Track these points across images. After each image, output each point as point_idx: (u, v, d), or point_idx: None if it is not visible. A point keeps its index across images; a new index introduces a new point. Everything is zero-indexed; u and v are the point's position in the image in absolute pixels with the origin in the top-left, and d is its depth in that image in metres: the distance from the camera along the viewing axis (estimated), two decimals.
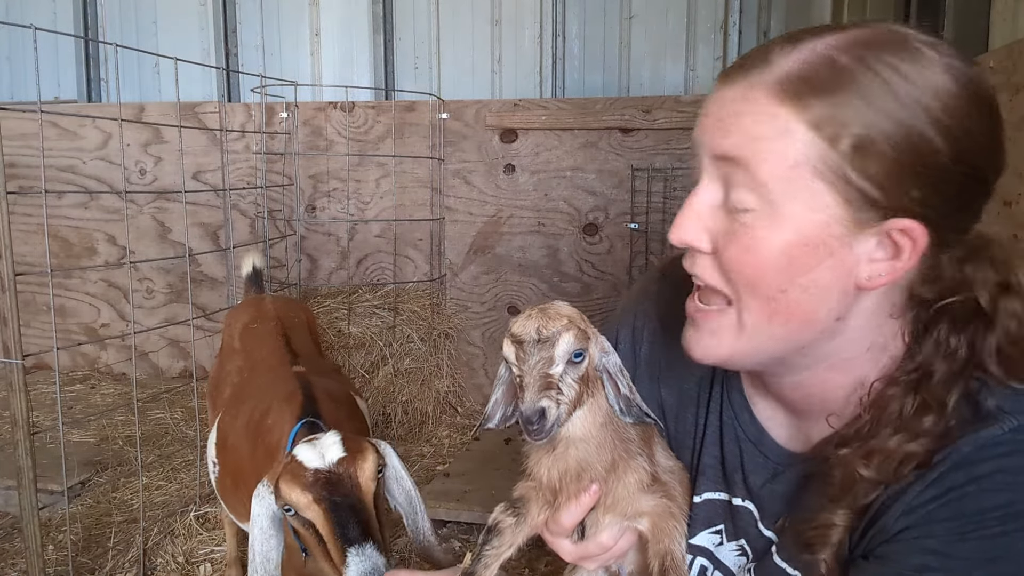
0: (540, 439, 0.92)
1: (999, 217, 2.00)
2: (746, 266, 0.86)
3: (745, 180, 0.83)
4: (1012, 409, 0.82)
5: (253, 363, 2.64)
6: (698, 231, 0.89)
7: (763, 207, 0.83)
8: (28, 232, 4.59)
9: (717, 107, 0.87)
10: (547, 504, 1.04)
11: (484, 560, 1.03)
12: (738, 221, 0.85)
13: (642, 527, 1.04)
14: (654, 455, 1.06)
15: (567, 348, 0.93)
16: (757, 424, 1.04)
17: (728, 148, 0.84)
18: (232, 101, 5.37)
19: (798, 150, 0.80)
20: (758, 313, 0.88)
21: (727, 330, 0.91)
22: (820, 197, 0.81)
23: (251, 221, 4.70)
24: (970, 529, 0.80)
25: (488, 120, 4.36)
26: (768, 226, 0.83)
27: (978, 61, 2.20)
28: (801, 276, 0.84)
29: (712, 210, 0.88)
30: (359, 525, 1.55)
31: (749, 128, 0.83)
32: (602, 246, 4.33)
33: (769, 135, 0.81)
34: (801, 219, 0.82)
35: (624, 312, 1.21)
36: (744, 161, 0.83)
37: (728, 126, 0.85)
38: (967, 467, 0.81)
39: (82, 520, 3.07)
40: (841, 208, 0.81)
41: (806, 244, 0.82)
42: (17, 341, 2.32)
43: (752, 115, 0.83)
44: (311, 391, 2.15)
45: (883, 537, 0.86)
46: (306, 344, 2.81)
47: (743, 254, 0.85)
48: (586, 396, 0.97)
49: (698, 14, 4.89)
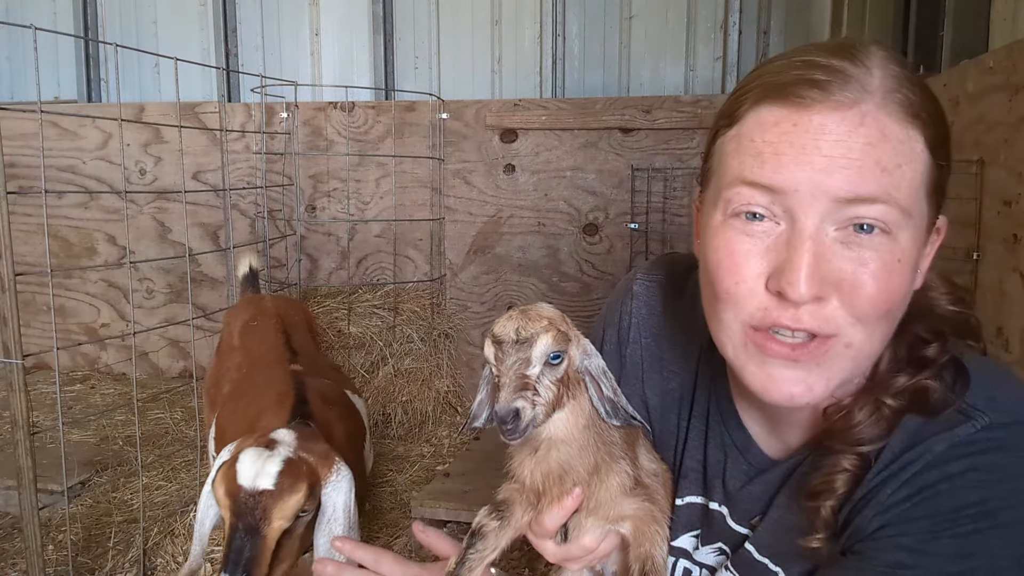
0: (514, 439, 0.93)
1: (999, 217, 2.00)
2: (886, 296, 0.81)
3: (886, 210, 0.79)
4: (983, 406, 0.83)
5: (252, 360, 2.65)
6: (824, 281, 0.80)
7: (892, 232, 0.81)
8: (28, 232, 4.59)
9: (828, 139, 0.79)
10: (531, 506, 1.04)
11: (468, 563, 1.02)
12: (866, 252, 0.80)
13: (624, 531, 1.04)
14: (637, 458, 1.06)
15: (544, 350, 0.93)
16: (744, 431, 1.04)
17: (866, 188, 0.78)
18: (232, 101, 5.37)
19: (924, 170, 0.82)
20: (880, 336, 0.84)
21: (837, 360, 0.83)
22: (925, 212, 0.84)
23: (251, 221, 4.70)
24: (944, 527, 0.80)
25: (488, 120, 4.36)
26: (896, 250, 0.81)
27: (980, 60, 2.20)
28: (910, 289, 0.86)
29: (829, 249, 0.80)
30: (246, 559, 1.61)
31: (888, 158, 0.79)
32: (602, 246, 4.33)
33: (905, 160, 0.80)
34: (917, 237, 0.83)
35: (610, 312, 1.21)
36: (887, 195, 0.79)
37: (860, 162, 0.78)
38: (941, 466, 0.82)
39: (82, 520, 3.06)
40: (930, 218, 0.85)
41: (917, 259, 0.85)
42: (17, 341, 2.32)
43: (886, 143, 0.79)
44: (304, 392, 2.16)
45: (858, 536, 0.86)
46: (305, 342, 2.81)
47: (883, 283, 0.80)
48: (566, 398, 0.97)
49: (698, 14, 4.89)
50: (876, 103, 0.79)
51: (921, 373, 0.86)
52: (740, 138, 0.84)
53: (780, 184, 0.80)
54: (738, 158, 0.84)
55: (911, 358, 0.88)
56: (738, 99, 0.86)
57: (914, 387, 0.85)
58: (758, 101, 0.83)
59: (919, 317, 0.89)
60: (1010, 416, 0.82)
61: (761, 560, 0.98)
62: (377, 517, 3.20)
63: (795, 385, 0.84)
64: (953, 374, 0.86)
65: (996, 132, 2.02)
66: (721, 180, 0.87)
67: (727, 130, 0.87)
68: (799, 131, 0.79)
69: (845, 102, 0.79)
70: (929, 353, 0.87)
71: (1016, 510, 0.80)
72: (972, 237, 2.13)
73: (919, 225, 0.83)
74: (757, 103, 0.83)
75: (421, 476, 3.54)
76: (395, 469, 3.63)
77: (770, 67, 0.86)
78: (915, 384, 0.86)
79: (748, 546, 1.00)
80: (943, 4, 2.82)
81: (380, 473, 3.61)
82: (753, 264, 0.83)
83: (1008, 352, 1.92)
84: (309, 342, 2.89)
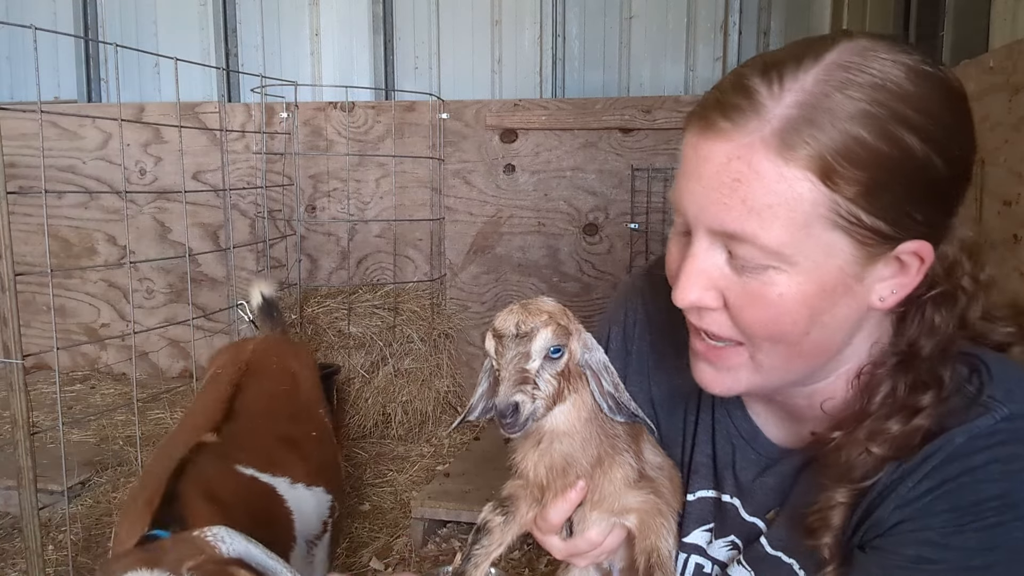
0: (514, 432, 0.93)
1: (999, 217, 2.00)
2: (766, 323, 0.84)
3: (753, 249, 0.80)
4: (1003, 398, 0.83)
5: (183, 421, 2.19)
6: (704, 290, 0.85)
7: (777, 266, 0.80)
8: (28, 232, 4.58)
9: (709, 170, 0.80)
10: (535, 502, 1.04)
11: (474, 560, 1.03)
12: (751, 280, 0.82)
13: (630, 524, 1.04)
14: (642, 451, 1.06)
15: (544, 344, 0.93)
16: (751, 422, 1.04)
17: (731, 225, 0.80)
18: (232, 101, 5.37)
19: (808, 209, 0.77)
20: (777, 357, 0.87)
21: (743, 368, 0.90)
22: (835, 245, 0.80)
23: (251, 221, 4.70)
24: (967, 521, 0.80)
25: (488, 120, 4.36)
26: (784, 282, 0.81)
27: (980, 60, 2.20)
28: (820, 317, 0.84)
29: (716, 268, 0.84)
30: None
31: (755, 197, 0.78)
32: (602, 246, 4.33)
33: (777, 200, 0.77)
34: (818, 269, 0.80)
35: (615, 309, 1.21)
36: (751, 235, 0.79)
37: (727, 199, 0.79)
38: (961, 458, 0.82)
39: (82, 520, 3.06)
40: (855, 249, 0.80)
41: (824, 290, 0.82)
42: (17, 341, 2.32)
43: (756, 181, 0.77)
44: (180, 488, 1.57)
45: (878, 531, 0.86)
46: (263, 402, 2.18)
47: (761, 312, 0.83)
48: (567, 392, 0.97)
49: (698, 14, 4.89)
50: (761, 137, 0.77)
51: (913, 420, 0.85)
52: (681, 157, 0.89)
53: (681, 209, 0.86)
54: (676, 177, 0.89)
55: (906, 404, 0.86)
56: (688, 114, 0.89)
57: (905, 435, 0.85)
58: (690, 122, 0.86)
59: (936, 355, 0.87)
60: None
61: (774, 554, 0.98)
62: (377, 517, 3.20)
63: (710, 378, 0.93)
64: (969, 369, 0.86)
65: (996, 132, 2.02)
66: None
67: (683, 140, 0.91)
68: (697, 158, 0.83)
69: (734, 133, 0.78)
70: (924, 402, 0.85)
71: None
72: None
73: (819, 261, 0.79)
74: (689, 124, 0.86)
75: (421, 476, 3.55)
76: (395, 469, 3.64)
77: (722, 80, 0.86)
78: (907, 431, 0.85)
79: (762, 540, 1.00)
80: (943, 4, 2.82)
81: (380, 473, 3.61)
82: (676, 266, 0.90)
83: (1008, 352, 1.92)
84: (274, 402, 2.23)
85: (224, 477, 1.77)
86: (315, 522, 2.03)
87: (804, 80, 0.77)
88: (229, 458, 1.84)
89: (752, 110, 0.78)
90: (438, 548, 2.96)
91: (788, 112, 0.76)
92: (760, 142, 0.77)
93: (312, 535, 2.03)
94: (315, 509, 2.04)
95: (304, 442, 2.18)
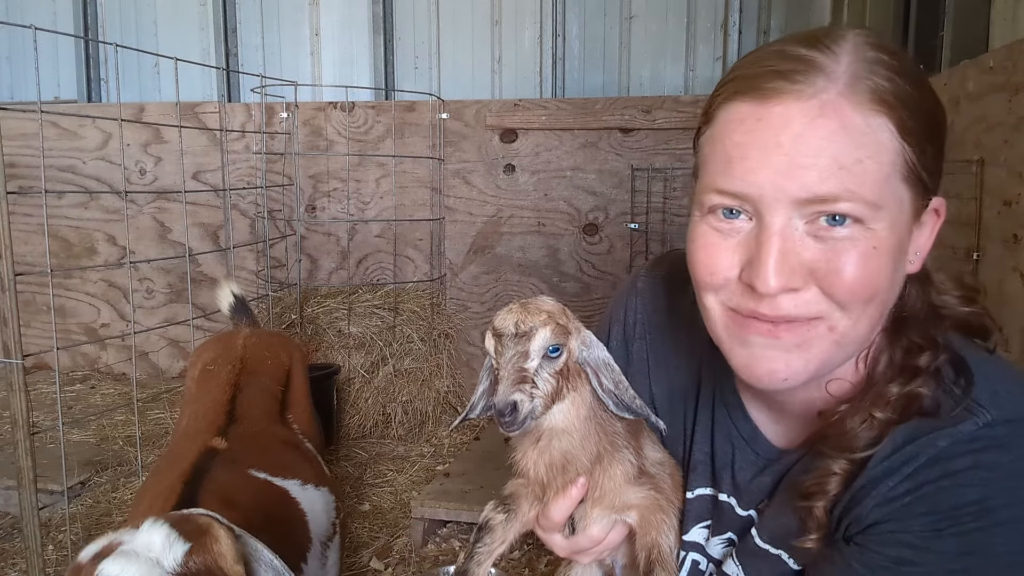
0: (513, 431, 0.94)
1: (999, 217, 2.00)
2: (866, 281, 0.82)
3: (848, 205, 0.79)
4: (987, 402, 0.83)
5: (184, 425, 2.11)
6: (794, 273, 0.82)
7: (866, 222, 0.80)
8: (28, 232, 4.59)
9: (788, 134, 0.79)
10: (537, 500, 1.05)
11: (477, 558, 1.04)
12: (839, 242, 0.81)
13: (630, 520, 1.05)
14: (642, 448, 1.07)
15: (543, 343, 0.94)
16: (751, 423, 1.05)
17: (822, 187, 0.79)
18: (232, 101, 5.37)
19: (890, 159, 0.80)
20: (867, 320, 0.85)
21: (820, 342, 0.85)
22: (904, 198, 0.82)
23: (251, 221, 4.70)
24: (946, 525, 0.81)
25: (488, 120, 4.36)
26: (874, 237, 0.81)
27: (980, 60, 2.20)
28: (896, 275, 0.85)
29: (799, 242, 0.82)
30: None
31: (846, 152, 0.78)
32: (602, 246, 4.33)
33: (866, 153, 0.79)
34: (895, 224, 0.82)
35: (615, 308, 1.22)
36: (843, 194, 0.79)
37: (816, 159, 0.78)
38: (943, 462, 0.82)
39: (82, 520, 3.06)
40: (914, 201, 0.83)
41: (901, 244, 0.84)
42: (17, 341, 2.32)
43: (845, 135, 0.78)
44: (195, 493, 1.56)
45: (858, 527, 0.87)
46: (262, 402, 2.14)
47: (859, 270, 0.81)
48: (566, 390, 0.98)
49: (698, 14, 4.89)
50: (839, 91, 0.79)
51: (913, 382, 0.86)
52: (713, 141, 0.87)
53: (744, 191, 0.82)
54: (712, 163, 0.86)
55: (904, 366, 0.88)
56: (714, 96, 0.88)
57: (905, 397, 0.86)
58: (729, 98, 0.85)
59: (923, 319, 0.89)
60: (1012, 412, 0.82)
61: (763, 546, 0.99)
62: (377, 517, 3.20)
63: (774, 362, 0.86)
64: (955, 371, 0.86)
65: (996, 132, 2.02)
66: (700, 183, 0.90)
67: (706, 128, 0.90)
68: (762, 127, 0.81)
69: (807, 91, 0.79)
70: (921, 362, 0.86)
71: (1016, 507, 0.80)
72: (972, 237, 2.13)
73: (896, 213, 0.82)
74: (728, 100, 0.85)
75: (421, 476, 3.54)
76: (395, 469, 3.64)
77: (746, 60, 0.88)
78: (907, 393, 0.86)
79: (753, 531, 1.01)
80: (943, 4, 2.82)
81: (380, 473, 3.61)
82: (725, 258, 0.86)
83: (1008, 352, 1.92)
84: (268, 402, 2.18)
85: (240, 483, 1.75)
86: (326, 523, 2.02)
87: (845, 45, 0.81)
88: (241, 463, 1.81)
89: (817, 69, 0.80)
90: (438, 548, 2.95)
91: (853, 68, 0.79)
92: (839, 96, 0.79)
93: (324, 536, 2.01)
94: (324, 509, 2.03)
95: (304, 442, 2.19)
